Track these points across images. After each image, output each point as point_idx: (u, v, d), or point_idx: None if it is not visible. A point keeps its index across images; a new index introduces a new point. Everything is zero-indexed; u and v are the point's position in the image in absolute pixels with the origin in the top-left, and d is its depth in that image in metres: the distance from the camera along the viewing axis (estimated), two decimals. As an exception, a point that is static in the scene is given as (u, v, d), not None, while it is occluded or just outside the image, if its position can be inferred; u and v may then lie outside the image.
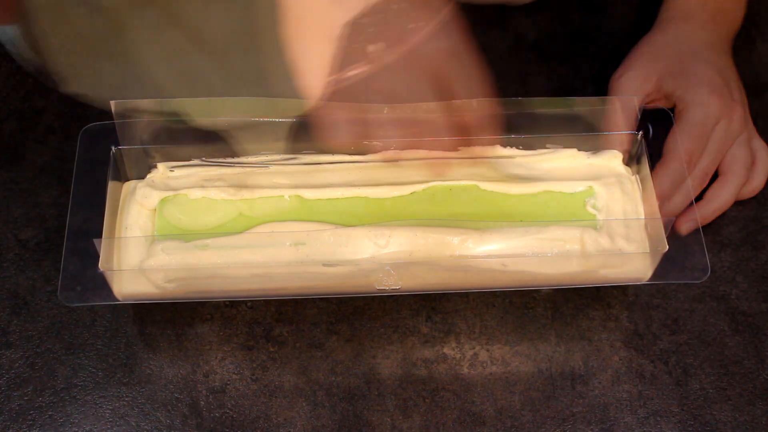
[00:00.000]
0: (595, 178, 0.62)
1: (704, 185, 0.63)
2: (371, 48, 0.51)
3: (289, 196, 0.60)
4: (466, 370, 0.60)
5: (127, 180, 0.63)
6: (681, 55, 0.67)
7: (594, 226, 0.59)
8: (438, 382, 0.60)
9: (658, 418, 0.59)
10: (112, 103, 0.60)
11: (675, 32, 0.69)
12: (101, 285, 0.57)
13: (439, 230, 0.58)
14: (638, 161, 0.62)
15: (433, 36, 0.52)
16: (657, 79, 0.66)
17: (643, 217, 0.60)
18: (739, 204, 0.66)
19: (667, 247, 0.57)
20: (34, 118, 0.71)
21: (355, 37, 0.50)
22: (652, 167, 0.61)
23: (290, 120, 0.61)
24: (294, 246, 0.58)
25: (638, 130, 0.62)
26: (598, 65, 0.72)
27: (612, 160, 0.63)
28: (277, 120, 0.62)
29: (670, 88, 0.65)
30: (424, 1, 0.53)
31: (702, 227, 0.59)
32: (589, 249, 0.58)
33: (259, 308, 0.62)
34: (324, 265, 0.57)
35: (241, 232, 0.59)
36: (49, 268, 0.64)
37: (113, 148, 0.61)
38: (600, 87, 0.69)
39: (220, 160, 0.63)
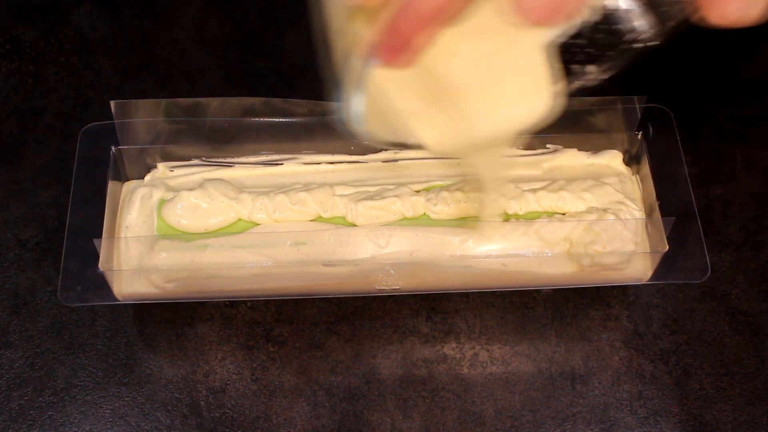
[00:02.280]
0: (596, 178, 0.62)
1: None
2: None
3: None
4: (466, 370, 0.60)
5: (127, 180, 0.63)
6: None
7: (594, 226, 0.59)
8: (438, 382, 0.60)
9: (658, 418, 0.59)
10: (112, 103, 0.61)
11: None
12: (101, 285, 0.57)
13: (439, 230, 0.58)
14: (638, 161, 0.62)
15: None
16: None
17: (643, 217, 0.60)
18: (739, 204, 0.66)
19: (667, 247, 0.57)
20: (34, 118, 0.71)
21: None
22: (652, 167, 0.61)
23: (292, 120, 0.62)
24: (294, 246, 0.58)
25: (638, 130, 0.62)
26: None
27: (612, 160, 0.63)
28: (277, 120, 0.62)
29: None
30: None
31: (702, 227, 0.59)
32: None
33: (259, 308, 0.62)
34: (324, 265, 0.57)
35: (241, 232, 0.59)
36: (49, 268, 0.64)
37: (113, 148, 0.61)
38: (600, 87, 0.68)
39: (220, 160, 0.63)
